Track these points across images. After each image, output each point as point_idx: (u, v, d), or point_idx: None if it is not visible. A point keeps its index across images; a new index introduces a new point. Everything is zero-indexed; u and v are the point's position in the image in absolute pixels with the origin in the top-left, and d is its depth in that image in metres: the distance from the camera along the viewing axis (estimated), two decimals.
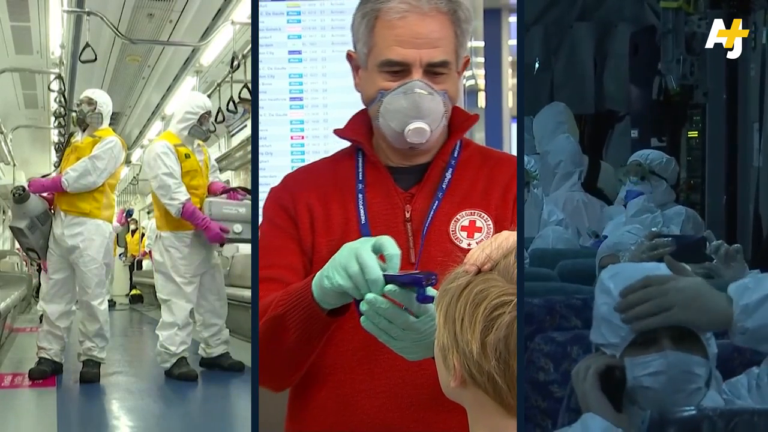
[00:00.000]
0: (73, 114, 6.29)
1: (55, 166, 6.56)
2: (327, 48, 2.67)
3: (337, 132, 1.84)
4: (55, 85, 8.77)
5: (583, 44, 6.87)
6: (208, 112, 6.38)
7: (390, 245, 1.50)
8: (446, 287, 1.29)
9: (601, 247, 3.78)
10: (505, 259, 1.27)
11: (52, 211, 6.11)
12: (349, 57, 1.81)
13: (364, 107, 1.81)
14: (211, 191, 6.34)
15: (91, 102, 6.14)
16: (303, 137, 2.70)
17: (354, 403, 1.72)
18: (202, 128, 6.29)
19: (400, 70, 1.70)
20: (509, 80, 2.75)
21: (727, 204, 5.97)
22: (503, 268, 1.26)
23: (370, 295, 1.47)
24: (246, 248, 9.81)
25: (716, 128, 6.03)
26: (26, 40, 8.53)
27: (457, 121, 1.80)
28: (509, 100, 2.75)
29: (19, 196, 5.93)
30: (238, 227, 6.08)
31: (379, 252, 1.51)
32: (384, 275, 1.47)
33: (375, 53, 1.72)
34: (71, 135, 6.40)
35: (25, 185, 6.04)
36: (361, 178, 1.79)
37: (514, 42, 2.88)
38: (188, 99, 6.52)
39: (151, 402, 5.56)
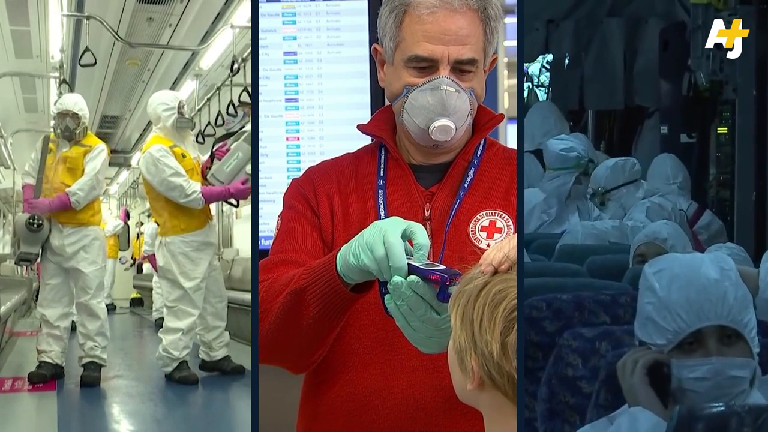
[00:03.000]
0: (58, 130, 6.09)
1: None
2: (322, 49, 2.67)
3: (360, 128, 1.83)
4: (55, 90, 8.77)
5: (613, 40, 6.86)
6: (181, 101, 6.37)
7: (421, 234, 1.49)
8: (462, 288, 1.27)
9: (638, 235, 3.79)
10: None
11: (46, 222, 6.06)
12: (375, 52, 1.79)
13: (387, 104, 1.80)
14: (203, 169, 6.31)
15: (75, 116, 6.06)
16: (298, 138, 2.70)
17: (366, 403, 1.70)
18: (185, 118, 6.27)
19: (427, 66, 1.69)
20: (505, 81, 2.74)
21: (757, 200, 5.98)
22: None
23: (397, 278, 1.46)
24: (247, 251, 9.81)
25: (746, 124, 6.03)
26: (26, 45, 8.52)
27: (482, 120, 1.79)
28: (505, 102, 2.74)
29: (38, 226, 5.93)
30: (249, 168, 5.99)
31: (408, 238, 1.50)
32: (409, 264, 1.46)
33: (402, 48, 1.71)
34: (49, 142, 6.22)
35: (40, 216, 5.94)
36: (382, 174, 1.78)
37: (510, 43, 2.87)
38: (158, 99, 6.38)
39: (152, 406, 5.55)
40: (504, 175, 1.77)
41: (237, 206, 7.15)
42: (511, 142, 2.46)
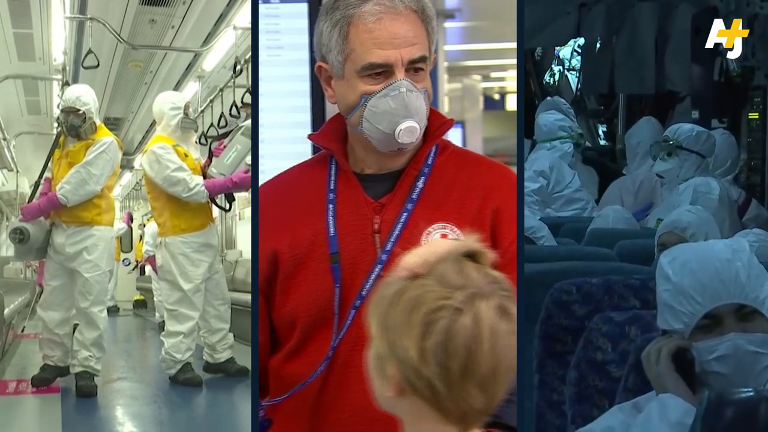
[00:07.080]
0: (64, 128, 5.81)
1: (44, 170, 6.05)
2: (262, 52, 2.65)
3: (311, 137, 1.83)
4: (58, 92, 8.77)
5: (645, 24, 6.85)
6: (188, 103, 6.33)
7: None
8: (381, 294, 1.25)
9: (662, 224, 3.81)
10: (440, 264, 1.24)
11: (51, 223, 5.85)
12: (319, 70, 1.78)
13: (335, 114, 1.79)
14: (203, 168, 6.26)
15: (78, 113, 5.74)
16: None
17: (321, 415, 1.72)
18: (189, 119, 6.22)
19: (382, 72, 1.70)
20: (445, 86, 2.77)
21: None
22: (439, 274, 1.23)
23: None
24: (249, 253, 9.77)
25: None
26: (29, 47, 8.53)
27: (434, 125, 1.78)
28: (445, 106, 2.76)
29: (20, 240, 5.73)
30: (248, 159, 5.94)
31: None
32: None
33: (353, 59, 1.71)
34: (60, 135, 5.97)
35: (23, 226, 5.71)
36: (332, 188, 1.77)
37: (450, 47, 2.89)
38: (165, 98, 6.34)
39: (156, 408, 5.54)
40: (457, 181, 1.76)
41: (233, 202, 7.05)
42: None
